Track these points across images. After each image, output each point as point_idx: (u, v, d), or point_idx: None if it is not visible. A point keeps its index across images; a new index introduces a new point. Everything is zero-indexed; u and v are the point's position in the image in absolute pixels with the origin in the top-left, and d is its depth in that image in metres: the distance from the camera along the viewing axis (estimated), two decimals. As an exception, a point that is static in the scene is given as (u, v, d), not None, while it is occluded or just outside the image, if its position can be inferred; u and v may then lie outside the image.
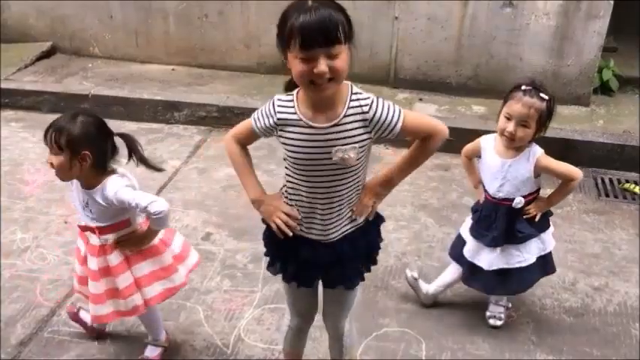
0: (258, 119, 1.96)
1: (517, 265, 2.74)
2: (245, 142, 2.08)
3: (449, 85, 5.20)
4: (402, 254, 3.43)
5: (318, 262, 2.05)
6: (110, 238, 2.38)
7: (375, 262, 2.19)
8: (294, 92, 1.91)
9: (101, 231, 2.36)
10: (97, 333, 2.79)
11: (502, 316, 2.94)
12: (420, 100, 5.12)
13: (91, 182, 2.31)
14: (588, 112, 5.00)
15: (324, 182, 1.93)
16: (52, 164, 2.27)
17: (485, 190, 2.73)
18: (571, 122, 4.75)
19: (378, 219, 2.13)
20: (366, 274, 2.18)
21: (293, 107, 1.89)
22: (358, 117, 1.85)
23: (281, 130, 1.92)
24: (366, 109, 1.85)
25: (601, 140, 4.47)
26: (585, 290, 3.22)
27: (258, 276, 3.22)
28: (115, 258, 2.39)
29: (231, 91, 5.12)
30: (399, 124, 1.87)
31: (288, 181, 2.01)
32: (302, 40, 1.69)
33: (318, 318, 2.38)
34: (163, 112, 4.93)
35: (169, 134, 4.78)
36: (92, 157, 2.26)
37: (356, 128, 1.86)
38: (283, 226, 2.01)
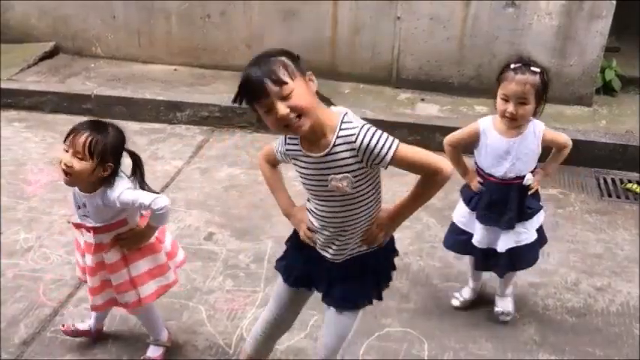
0: (277, 147, 2.07)
1: (525, 242, 2.76)
2: (273, 162, 2.19)
3: (451, 85, 5.20)
4: (404, 254, 3.43)
5: (318, 274, 2.13)
6: (105, 238, 2.38)
7: (379, 296, 2.19)
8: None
9: (96, 231, 2.37)
10: (96, 334, 2.79)
11: (511, 309, 2.94)
12: (422, 100, 5.12)
13: (93, 188, 2.32)
14: (591, 112, 5.00)
15: (331, 208, 1.99)
16: (67, 166, 2.24)
17: (489, 175, 2.69)
18: (573, 122, 4.75)
19: (392, 252, 2.18)
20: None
21: (297, 139, 1.95)
22: (347, 146, 1.85)
23: (292, 159, 2.02)
24: (352, 138, 1.84)
25: (603, 140, 4.46)
26: (588, 290, 3.22)
27: (261, 276, 3.23)
28: (112, 256, 2.40)
29: (233, 92, 4.98)
30: (389, 155, 1.83)
31: (308, 200, 2.10)
32: (252, 96, 1.80)
33: (318, 317, 2.38)
34: (166, 112, 4.94)
35: (172, 134, 4.78)
36: (112, 169, 2.30)
37: (346, 157, 1.87)
38: (307, 239, 2.12)
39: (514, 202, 2.67)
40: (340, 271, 2.09)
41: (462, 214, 2.85)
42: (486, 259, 2.84)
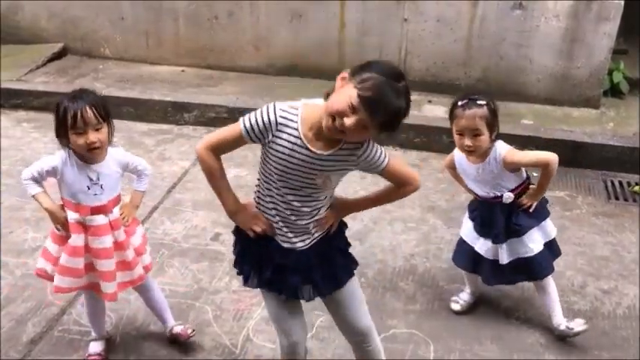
0: (252, 125, 1.95)
1: (526, 255, 2.80)
2: (224, 151, 2.07)
3: (458, 87, 5.19)
4: (410, 256, 3.44)
5: (292, 266, 2.09)
6: (116, 212, 2.47)
7: (354, 261, 2.23)
8: (299, 108, 1.95)
9: (112, 204, 2.45)
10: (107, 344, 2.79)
11: (570, 325, 2.85)
12: (429, 102, 5.12)
13: (104, 152, 2.41)
14: (598, 114, 4.99)
15: (300, 197, 2.00)
16: (92, 143, 2.29)
17: (475, 194, 2.83)
18: (581, 124, 4.74)
19: (343, 225, 2.22)
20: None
21: (296, 123, 1.93)
22: (350, 152, 1.95)
23: (275, 141, 1.94)
24: (359, 152, 1.96)
25: (611, 143, 4.45)
26: (594, 293, 3.21)
27: (267, 276, 3.23)
28: (122, 233, 2.49)
29: (240, 93, 5.14)
30: (382, 167, 2.00)
31: (264, 188, 2.06)
32: (367, 107, 1.83)
33: (324, 318, 2.38)
34: (173, 113, 4.96)
35: (179, 135, 4.80)
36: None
37: (346, 161, 1.96)
38: (261, 231, 2.07)
39: (500, 219, 2.77)
40: (305, 260, 2.09)
41: (467, 227, 2.94)
42: (494, 271, 2.88)
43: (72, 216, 2.42)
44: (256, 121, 1.94)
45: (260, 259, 2.13)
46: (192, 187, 4.08)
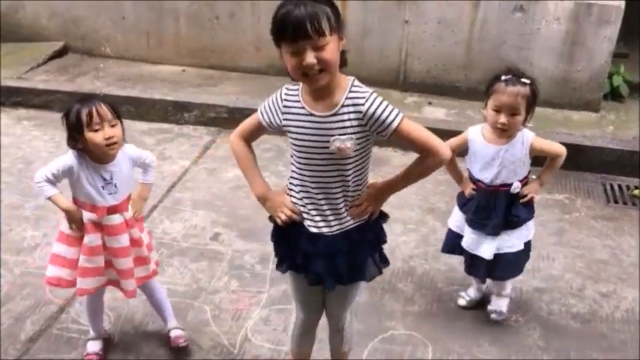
0: (265, 111, 2.03)
1: (507, 250, 2.77)
2: (250, 138, 2.14)
3: (458, 89, 5.20)
4: (409, 257, 3.44)
5: (316, 252, 2.06)
6: (130, 210, 2.51)
7: (385, 259, 2.20)
8: (301, 83, 1.96)
9: (124, 204, 2.47)
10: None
11: (503, 309, 2.95)
12: (430, 103, 5.13)
13: (119, 149, 2.44)
14: (598, 117, 4.99)
15: (325, 172, 1.97)
16: (111, 137, 2.33)
17: (478, 180, 2.73)
18: (581, 128, 4.74)
19: (382, 217, 2.15)
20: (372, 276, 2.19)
21: (298, 95, 1.95)
22: (354, 108, 1.89)
23: (286, 120, 1.97)
24: (361, 101, 1.88)
25: (611, 146, 4.46)
26: (593, 296, 3.21)
27: (266, 277, 3.24)
28: (137, 230, 2.52)
29: (240, 93, 5.14)
30: (394, 125, 1.88)
31: (293, 171, 2.06)
32: (287, 34, 1.77)
33: (324, 320, 2.39)
34: (173, 112, 4.96)
35: (179, 134, 4.80)
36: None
37: (352, 119, 1.90)
38: (286, 219, 2.06)
39: (500, 208, 2.71)
40: (341, 244, 2.05)
41: (457, 219, 2.90)
42: (472, 264, 2.88)
43: (88, 216, 2.43)
44: (268, 106, 2.03)
45: (290, 244, 2.12)
46: (192, 187, 4.08)
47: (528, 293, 3.19)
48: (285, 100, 1.97)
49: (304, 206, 2.05)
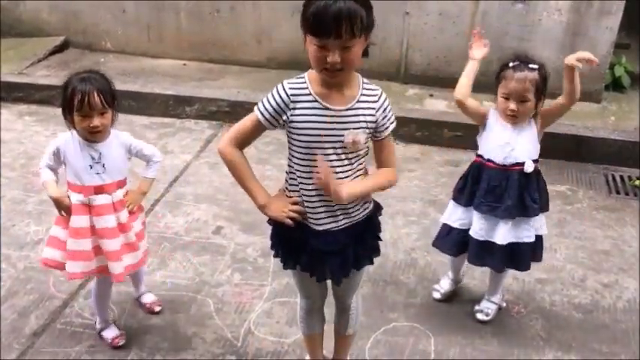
0: (266, 109, 1.96)
1: (526, 240, 2.70)
2: (245, 143, 2.05)
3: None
4: (411, 249, 3.45)
5: (328, 251, 2.07)
6: (120, 194, 2.51)
7: (378, 251, 2.27)
8: (305, 74, 1.96)
9: (111, 186, 2.48)
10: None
11: (490, 312, 2.94)
12: (431, 95, 5.12)
13: (106, 134, 2.44)
14: (600, 108, 4.98)
15: (335, 167, 1.97)
16: (95, 127, 2.35)
17: (489, 160, 2.65)
18: (582, 119, 4.73)
19: (378, 209, 2.21)
20: (371, 269, 2.23)
21: (306, 88, 1.93)
22: (368, 104, 1.95)
23: (294, 115, 1.93)
24: (375, 98, 1.97)
25: (612, 137, 4.45)
26: (595, 287, 3.22)
27: (268, 270, 3.25)
28: (124, 215, 2.53)
29: (242, 86, 5.14)
30: (391, 127, 2.03)
31: (295, 170, 2.03)
32: (316, 29, 1.77)
33: (325, 311, 2.40)
34: (175, 106, 4.96)
35: (180, 129, 4.81)
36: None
37: (367, 114, 1.95)
38: (295, 215, 2.04)
39: (514, 189, 2.61)
40: (346, 239, 2.08)
41: (459, 216, 2.79)
42: (482, 253, 2.74)
43: (76, 197, 2.46)
44: (270, 104, 1.95)
45: (294, 244, 2.12)
46: (193, 181, 4.08)
47: (530, 284, 3.19)
48: (293, 94, 1.92)
49: (312, 203, 2.04)
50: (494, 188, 2.64)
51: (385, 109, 1.98)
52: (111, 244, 2.49)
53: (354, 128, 1.93)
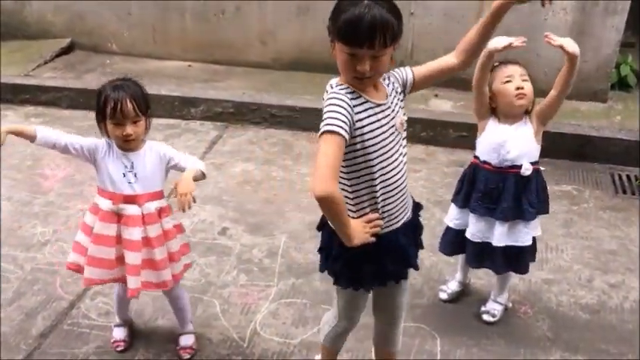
0: (341, 122, 1.79)
1: (526, 244, 2.70)
2: (338, 174, 1.82)
3: (465, 81, 5.11)
4: (417, 250, 3.44)
5: (404, 243, 2.13)
6: (152, 207, 2.43)
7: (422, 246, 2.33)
8: (337, 79, 1.93)
9: (142, 198, 2.42)
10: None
11: (497, 313, 2.93)
12: (436, 95, 5.11)
13: (140, 143, 2.43)
14: (606, 108, 4.96)
15: (398, 158, 1.99)
16: (128, 135, 2.33)
17: (485, 162, 2.66)
18: (588, 118, 4.72)
19: (419, 206, 2.31)
20: None
21: (354, 91, 1.88)
22: (392, 85, 1.99)
23: (359, 120, 1.86)
24: (393, 79, 2.02)
25: (618, 136, 4.43)
26: (601, 287, 3.21)
27: (274, 270, 3.25)
28: (154, 230, 2.45)
29: (247, 88, 5.14)
30: (408, 68, 2.08)
31: (359, 183, 1.96)
32: (349, 39, 1.76)
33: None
34: (180, 107, 4.97)
35: (186, 130, 4.82)
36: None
37: (398, 92, 2.01)
38: (376, 228, 1.99)
39: (510, 192, 2.62)
40: (406, 237, 2.14)
41: (455, 216, 2.82)
42: (480, 255, 2.77)
43: (105, 204, 2.41)
44: (338, 116, 1.79)
45: (372, 260, 2.05)
46: (199, 182, 4.07)
47: (537, 285, 3.18)
48: (350, 99, 1.84)
49: (388, 199, 2.02)
50: (490, 191, 2.66)
51: (397, 73, 2.02)
52: (132, 257, 2.43)
53: (398, 110, 1.98)
